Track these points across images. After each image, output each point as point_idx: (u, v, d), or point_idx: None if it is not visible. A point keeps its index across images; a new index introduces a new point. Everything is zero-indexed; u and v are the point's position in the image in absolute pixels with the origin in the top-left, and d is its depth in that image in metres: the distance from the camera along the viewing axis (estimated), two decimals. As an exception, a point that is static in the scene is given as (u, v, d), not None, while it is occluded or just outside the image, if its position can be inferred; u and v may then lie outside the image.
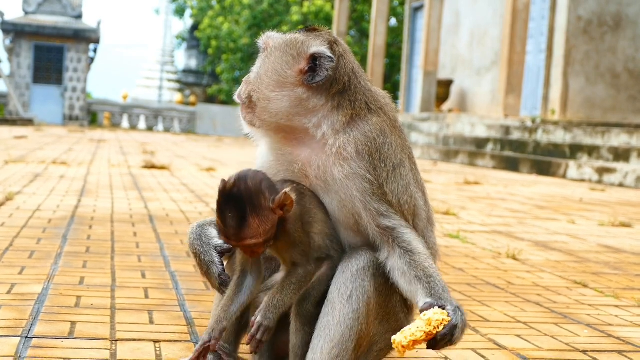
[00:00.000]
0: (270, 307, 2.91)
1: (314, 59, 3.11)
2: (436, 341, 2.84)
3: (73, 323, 3.91)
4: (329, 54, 3.10)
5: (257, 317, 2.91)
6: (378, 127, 3.11)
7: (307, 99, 3.12)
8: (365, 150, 3.05)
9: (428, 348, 2.86)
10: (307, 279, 2.97)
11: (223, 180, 2.86)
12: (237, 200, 2.82)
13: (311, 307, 3.01)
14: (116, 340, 3.67)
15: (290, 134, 3.11)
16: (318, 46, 3.11)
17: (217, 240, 3.13)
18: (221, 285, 3.06)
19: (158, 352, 3.50)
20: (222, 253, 3.12)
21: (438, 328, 2.80)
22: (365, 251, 3.05)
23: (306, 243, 2.96)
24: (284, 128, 3.11)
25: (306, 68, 3.10)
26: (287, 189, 2.86)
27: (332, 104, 3.12)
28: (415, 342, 2.79)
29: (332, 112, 3.11)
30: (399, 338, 2.79)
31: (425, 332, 2.80)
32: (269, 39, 3.17)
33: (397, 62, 50.32)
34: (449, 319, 2.83)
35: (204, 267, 3.11)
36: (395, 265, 3.00)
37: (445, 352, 3.84)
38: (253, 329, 2.90)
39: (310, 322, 3.01)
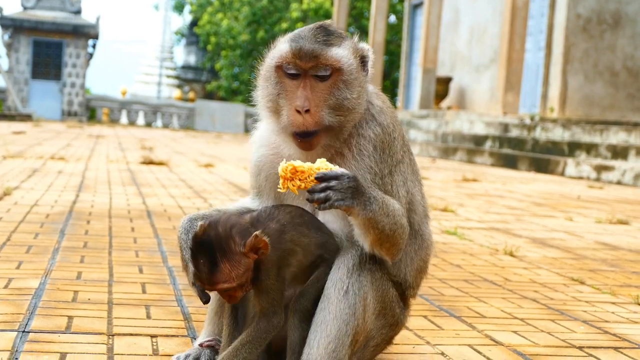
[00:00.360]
0: None
1: (364, 58, 3.14)
2: (313, 190, 2.82)
3: (70, 318, 3.91)
4: (370, 49, 3.17)
5: None
6: (391, 121, 3.15)
7: (365, 102, 3.14)
8: (379, 145, 3.09)
9: (307, 198, 2.84)
10: (269, 334, 2.96)
11: (201, 226, 2.89)
12: (208, 246, 2.86)
13: (308, 304, 3.01)
14: (113, 335, 3.67)
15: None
16: (361, 43, 3.16)
17: None
18: (193, 284, 3.08)
19: (155, 347, 3.50)
20: None
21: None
22: (361, 246, 3.06)
23: (277, 290, 2.96)
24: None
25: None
26: (257, 232, 2.87)
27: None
28: (296, 173, 2.80)
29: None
30: (284, 164, 2.81)
31: (310, 168, 2.80)
32: (337, 60, 3.03)
33: (396, 59, 50.33)
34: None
35: (183, 263, 3.15)
36: None
37: (441, 347, 3.85)
38: None
39: (307, 318, 3.01)
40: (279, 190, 2.88)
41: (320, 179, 2.81)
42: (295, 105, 2.98)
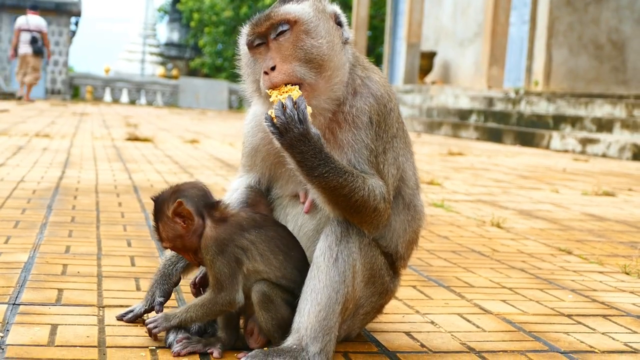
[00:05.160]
0: (171, 317, 3.09)
1: (337, 17, 3.13)
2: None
3: (60, 290, 3.92)
4: (340, 11, 3.16)
5: (160, 316, 3.10)
6: (385, 91, 3.15)
7: (346, 62, 3.13)
8: (375, 119, 3.09)
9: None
10: (215, 306, 3.03)
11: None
12: (154, 205, 3.13)
13: (267, 289, 3.04)
14: (103, 307, 3.68)
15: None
16: (330, 4, 3.15)
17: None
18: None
19: (146, 318, 3.50)
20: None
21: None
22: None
23: (219, 270, 3.02)
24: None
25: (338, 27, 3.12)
26: (182, 200, 3.01)
27: (349, 65, 3.14)
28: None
29: (351, 74, 3.13)
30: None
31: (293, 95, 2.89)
32: (290, 13, 3.04)
33: (380, 34, 50.21)
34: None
35: (150, 292, 3.43)
36: None
37: (431, 317, 3.87)
38: (150, 320, 3.13)
39: (267, 304, 3.04)
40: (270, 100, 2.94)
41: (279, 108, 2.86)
42: (263, 68, 3.00)
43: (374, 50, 51.95)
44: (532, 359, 3.30)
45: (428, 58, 33.37)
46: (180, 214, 3.02)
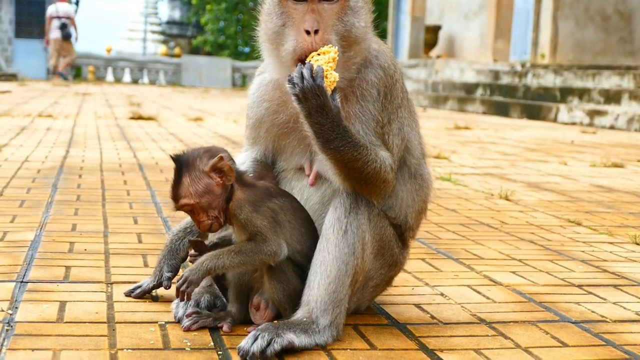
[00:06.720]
0: (199, 268, 2.96)
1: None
2: None
3: (67, 268, 3.93)
4: None
5: (186, 272, 2.96)
6: (391, 62, 3.16)
7: (369, 46, 3.14)
8: (382, 90, 3.10)
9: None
10: (256, 255, 2.96)
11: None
12: (178, 163, 3.05)
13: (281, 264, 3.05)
14: (111, 283, 3.69)
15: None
16: None
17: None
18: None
19: (155, 293, 3.52)
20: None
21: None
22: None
23: (258, 225, 2.98)
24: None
25: None
26: (223, 155, 2.99)
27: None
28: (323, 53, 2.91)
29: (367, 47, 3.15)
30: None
31: (329, 58, 2.89)
32: None
33: (384, 8, 50.04)
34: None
35: (158, 268, 3.44)
36: None
37: (440, 289, 3.88)
38: (179, 282, 2.95)
39: (279, 276, 3.04)
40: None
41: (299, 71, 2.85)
42: (305, 27, 2.96)
43: (378, 25, 51.70)
44: (543, 329, 3.30)
45: (432, 32, 33.26)
46: (220, 169, 2.99)
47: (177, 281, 2.98)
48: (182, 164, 3.03)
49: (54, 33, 33.74)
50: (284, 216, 3.02)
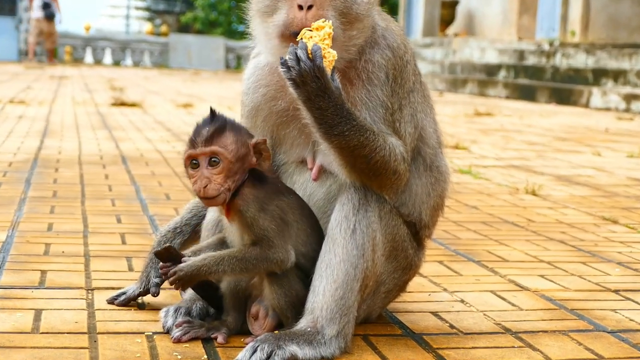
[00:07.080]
0: (196, 267, 2.96)
1: None
2: None
3: (43, 272, 3.93)
4: None
5: (181, 265, 2.96)
6: (401, 41, 3.15)
7: (372, 25, 3.14)
8: (391, 73, 3.09)
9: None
10: (259, 262, 2.96)
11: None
12: (221, 118, 3.01)
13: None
14: (92, 290, 3.69)
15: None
16: None
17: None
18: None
19: (140, 301, 3.52)
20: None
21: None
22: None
23: (264, 227, 2.96)
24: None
25: None
26: (264, 138, 3.03)
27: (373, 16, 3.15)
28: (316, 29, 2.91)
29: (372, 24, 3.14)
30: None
31: (325, 33, 2.89)
32: None
33: (395, -19, 50.09)
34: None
35: (145, 272, 3.45)
36: None
37: (460, 295, 3.87)
38: (170, 271, 2.97)
39: (279, 281, 3.04)
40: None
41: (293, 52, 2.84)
42: (298, 1, 2.96)
43: (388, 0, 51.75)
44: (575, 340, 3.30)
45: (449, 7, 33.25)
46: (261, 151, 3.00)
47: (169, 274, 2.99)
48: (227, 122, 3.01)
49: (37, 12, 34.92)
50: (292, 216, 3.02)
